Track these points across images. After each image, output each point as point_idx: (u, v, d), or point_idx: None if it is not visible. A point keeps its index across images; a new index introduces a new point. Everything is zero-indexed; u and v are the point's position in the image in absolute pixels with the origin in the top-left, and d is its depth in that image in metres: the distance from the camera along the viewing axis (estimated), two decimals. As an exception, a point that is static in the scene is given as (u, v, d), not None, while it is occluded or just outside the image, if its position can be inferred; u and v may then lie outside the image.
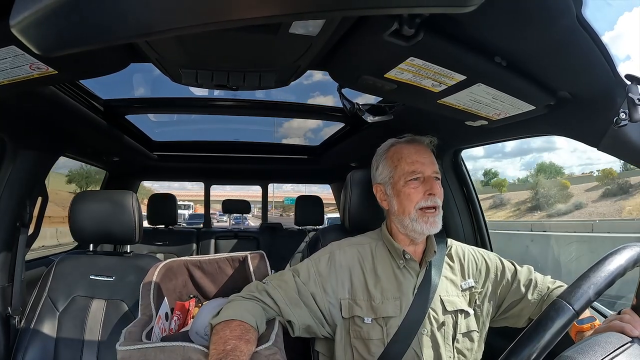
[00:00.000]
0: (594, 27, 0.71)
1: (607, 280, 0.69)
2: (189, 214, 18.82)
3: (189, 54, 0.98)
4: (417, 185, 1.11)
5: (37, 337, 1.38)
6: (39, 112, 1.39)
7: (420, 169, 1.12)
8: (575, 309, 0.65)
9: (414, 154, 1.14)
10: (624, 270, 0.71)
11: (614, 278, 0.70)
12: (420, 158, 1.13)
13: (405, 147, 1.16)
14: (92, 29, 0.38)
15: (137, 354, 0.91)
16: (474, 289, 1.17)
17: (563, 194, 30.75)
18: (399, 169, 1.14)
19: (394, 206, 1.15)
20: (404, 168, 1.13)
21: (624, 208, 24.62)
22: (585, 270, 0.71)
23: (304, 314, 1.09)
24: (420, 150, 1.15)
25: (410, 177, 1.12)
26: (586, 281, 0.69)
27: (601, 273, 0.70)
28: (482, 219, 1.79)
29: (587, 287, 0.68)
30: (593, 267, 0.71)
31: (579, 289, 0.68)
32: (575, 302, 0.66)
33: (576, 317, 0.65)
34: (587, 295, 0.67)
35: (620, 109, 0.87)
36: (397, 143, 1.20)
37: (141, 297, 1.24)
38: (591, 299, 0.67)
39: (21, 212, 1.54)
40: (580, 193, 29.93)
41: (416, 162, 1.12)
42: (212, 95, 1.89)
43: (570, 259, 7.46)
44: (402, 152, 1.15)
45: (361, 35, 0.87)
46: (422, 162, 1.13)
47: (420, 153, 1.14)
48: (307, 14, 0.39)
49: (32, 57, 0.84)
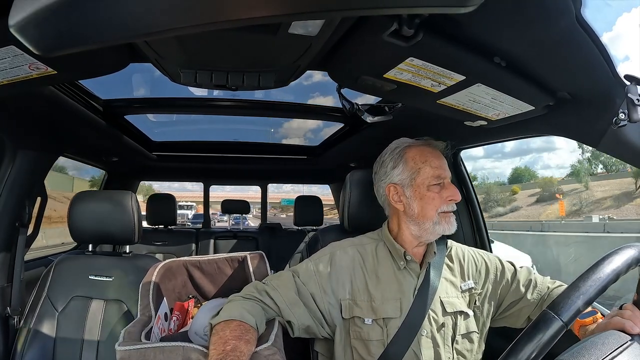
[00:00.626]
0: (593, 27, 0.71)
1: (596, 289, 0.68)
2: (193, 214, 19.13)
3: (188, 54, 0.98)
4: (439, 190, 1.12)
5: (36, 338, 1.38)
6: (38, 112, 1.39)
7: (443, 175, 1.13)
8: (564, 320, 0.65)
9: (437, 158, 1.14)
10: (616, 277, 0.70)
11: (605, 286, 0.69)
12: (442, 164, 1.14)
13: (429, 151, 1.16)
14: (91, 28, 0.38)
15: (137, 354, 0.91)
16: (473, 290, 1.17)
17: (507, 199, 36.22)
18: (423, 172, 1.13)
19: (413, 209, 1.13)
20: (428, 172, 1.12)
21: (544, 212, 29.77)
22: (575, 280, 0.71)
23: (303, 314, 1.09)
24: (439, 155, 1.16)
25: (435, 182, 1.12)
26: (575, 291, 0.68)
27: (591, 282, 0.69)
28: (482, 220, 1.79)
29: (576, 297, 0.67)
30: (582, 275, 0.71)
31: (567, 299, 0.67)
32: (564, 314, 0.65)
33: (565, 328, 0.65)
34: (576, 305, 0.66)
35: (620, 109, 0.87)
36: (415, 145, 1.18)
37: (140, 297, 1.23)
38: (580, 309, 0.66)
39: (20, 212, 1.54)
40: (523, 198, 35.57)
41: (439, 168, 1.13)
42: (211, 96, 1.89)
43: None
44: (427, 156, 1.14)
45: (361, 36, 0.87)
46: (444, 167, 1.14)
47: (441, 158, 1.15)
48: (306, 14, 0.39)
49: (31, 57, 0.84)
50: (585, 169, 35.18)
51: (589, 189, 31.28)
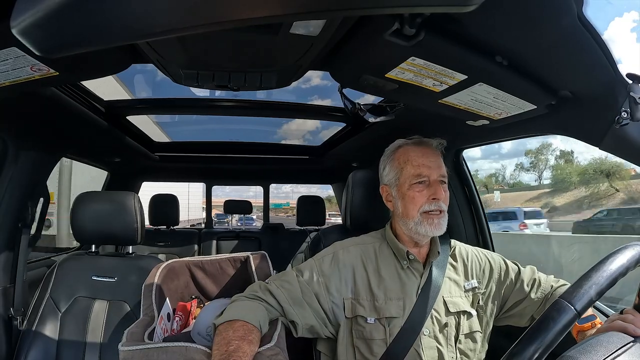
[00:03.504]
0: (595, 26, 0.71)
1: (609, 280, 0.69)
2: (216, 214, 19.59)
3: (190, 55, 0.98)
4: (422, 189, 1.11)
5: (40, 338, 1.39)
6: (40, 113, 1.39)
7: (425, 173, 1.11)
8: (577, 309, 0.65)
9: (420, 156, 1.13)
10: (626, 270, 0.71)
11: (616, 278, 0.69)
12: (426, 161, 1.12)
13: (413, 150, 1.15)
14: (93, 30, 0.38)
15: (140, 354, 0.91)
16: (477, 290, 1.17)
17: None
18: (405, 171, 1.13)
19: (398, 208, 1.16)
20: (409, 171, 1.12)
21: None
22: (587, 270, 0.71)
23: (307, 314, 1.09)
24: (427, 153, 1.14)
25: (415, 180, 1.11)
26: (588, 281, 0.68)
27: (603, 273, 0.69)
28: (484, 219, 1.79)
29: (589, 286, 0.67)
30: (595, 266, 0.71)
31: (580, 288, 0.67)
32: (577, 302, 0.65)
33: (578, 317, 0.65)
34: (589, 295, 0.66)
35: (622, 108, 0.87)
36: (404, 144, 1.19)
37: (143, 297, 1.24)
38: (593, 299, 0.67)
39: (23, 213, 1.54)
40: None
41: (422, 166, 1.12)
42: (213, 96, 1.89)
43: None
44: (409, 155, 1.14)
45: (362, 35, 0.87)
46: (429, 165, 1.12)
47: (427, 156, 1.13)
48: (308, 14, 0.39)
49: (33, 59, 0.84)
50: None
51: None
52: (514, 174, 44.09)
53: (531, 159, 40.68)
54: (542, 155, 39.89)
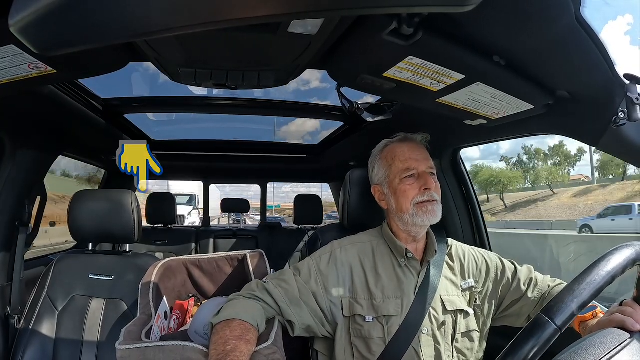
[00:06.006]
0: (592, 26, 0.71)
1: (591, 292, 0.67)
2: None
3: (188, 53, 0.98)
4: (412, 182, 1.12)
5: (36, 337, 1.38)
6: (37, 111, 1.38)
7: (414, 166, 1.13)
8: (557, 324, 0.64)
9: (407, 151, 1.15)
10: (612, 279, 0.69)
11: (600, 288, 0.68)
12: (413, 155, 1.14)
13: (398, 146, 1.17)
14: (90, 28, 0.38)
15: (137, 353, 0.91)
16: (474, 289, 1.18)
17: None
18: (394, 167, 1.15)
19: (392, 205, 1.16)
20: (398, 166, 1.14)
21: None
22: (569, 283, 0.70)
23: (304, 313, 1.09)
24: (413, 147, 1.16)
25: (405, 174, 1.12)
26: (569, 294, 0.67)
27: (585, 285, 0.68)
28: (482, 218, 1.79)
29: (570, 300, 0.66)
30: (577, 278, 0.69)
31: (561, 303, 0.66)
32: (557, 317, 0.64)
33: (559, 332, 0.64)
34: (570, 309, 0.65)
35: (619, 109, 0.87)
36: (390, 143, 1.20)
37: (140, 296, 1.24)
38: (574, 313, 0.65)
39: (20, 211, 1.54)
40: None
41: (410, 159, 1.13)
42: (210, 95, 1.89)
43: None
44: (396, 151, 1.16)
45: (360, 35, 0.87)
46: (416, 158, 1.13)
47: (413, 150, 1.15)
48: (306, 13, 0.39)
49: (31, 57, 0.84)
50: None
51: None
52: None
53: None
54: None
